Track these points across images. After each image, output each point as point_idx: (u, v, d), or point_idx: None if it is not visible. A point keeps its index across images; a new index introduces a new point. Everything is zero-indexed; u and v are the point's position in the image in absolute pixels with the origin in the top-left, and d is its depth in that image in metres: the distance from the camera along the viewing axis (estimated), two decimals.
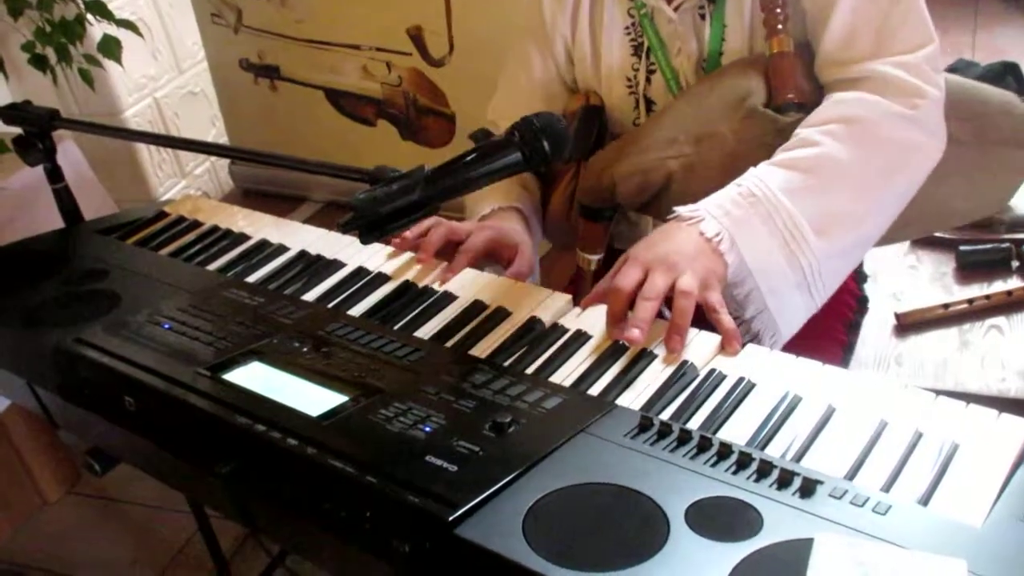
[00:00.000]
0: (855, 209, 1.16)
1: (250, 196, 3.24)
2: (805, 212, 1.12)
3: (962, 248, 2.07)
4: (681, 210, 1.13)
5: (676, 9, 1.28)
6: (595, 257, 1.37)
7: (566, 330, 1.10)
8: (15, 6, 2.31)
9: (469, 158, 1.03)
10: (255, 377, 1.02)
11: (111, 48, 2.38)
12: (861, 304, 1.48)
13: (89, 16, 2.38)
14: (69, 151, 2.33)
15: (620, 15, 1.33)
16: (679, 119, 1.25)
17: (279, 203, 3.08)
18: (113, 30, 2.40)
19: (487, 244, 1.25)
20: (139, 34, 2.46)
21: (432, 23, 2.54)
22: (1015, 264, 2.03)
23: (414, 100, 2.70)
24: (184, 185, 3.15)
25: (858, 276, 1.51)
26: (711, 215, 1.11)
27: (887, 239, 1.26)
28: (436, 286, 1.20)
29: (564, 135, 1.06)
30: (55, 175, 1.43)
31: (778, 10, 1.21)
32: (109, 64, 2.48)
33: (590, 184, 1.32)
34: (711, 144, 1.22)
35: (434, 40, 2.57)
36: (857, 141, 1.15)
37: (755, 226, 1.11)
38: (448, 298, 1.18)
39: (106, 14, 2.36)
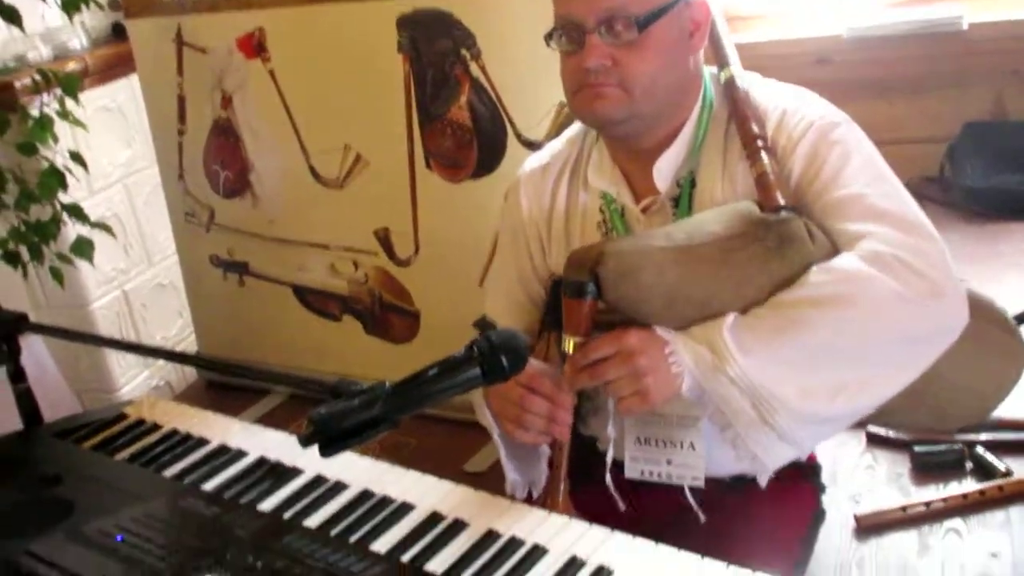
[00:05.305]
0: (845, 383, 1.16)
1: (214, 387, 3.23)
2: (785, 391, 1.15)
3: (916, 449, 2.10)
4: (662, 332, 1.20)
5: (644, 211, 1.33)
6: (578, 339, 1.28)
7: (522, 543, 1.10)
8: None
9: (430, 374, 1.06)
10: None
11: (84, 249, 2.42)
12: (818, 519, 1.47)
13: (64, 215, 2.44)
14: (34, 346, 2.33)
15: (592, 210, 1.39)
16: (669, 231, 1.26)
17: (243, 394, 3.07)
18: (87, 231, 2.45)
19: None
20: (113, 235, 2.51)
21: (399, 225, 2.63)
22: (969, 466, 2.06)
23: (379, 297, 2.76)
24: (147, 375, 3.13)
25: (816, 489, 1.50)
26: (688, 370, 1.19)
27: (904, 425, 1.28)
28: (397, 494, 1.20)
29: (522, 350, 1.09)
30: (17, 376, 1.44)
31: (759, 141, 1.25)
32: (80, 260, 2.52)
33: (574, 257, 1.28)
34: (702, 239, 1.20)
35: (400, 241, 2.66)
36: (858, 323, 1.15)
37: (725, 385, 1.17)
38: (406, 508, 1.19)
39: (82, 217, 2.42)
